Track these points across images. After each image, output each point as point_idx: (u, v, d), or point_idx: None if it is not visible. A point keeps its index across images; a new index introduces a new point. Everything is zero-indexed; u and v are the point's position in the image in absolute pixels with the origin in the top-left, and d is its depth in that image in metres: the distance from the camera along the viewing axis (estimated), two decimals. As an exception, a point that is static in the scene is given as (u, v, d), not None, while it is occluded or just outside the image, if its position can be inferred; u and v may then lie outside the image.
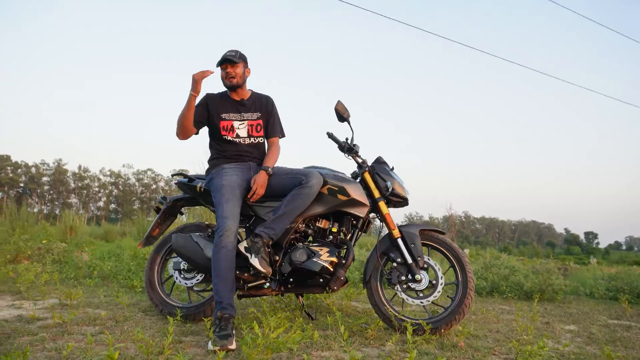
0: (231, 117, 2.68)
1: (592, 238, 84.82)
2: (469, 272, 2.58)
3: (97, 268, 4.63)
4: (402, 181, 2.77)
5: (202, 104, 2.68)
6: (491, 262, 5.61)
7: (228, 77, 2.63)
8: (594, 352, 2.40)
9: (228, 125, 2.67)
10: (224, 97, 2.73)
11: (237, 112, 2.70)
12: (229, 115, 2.68)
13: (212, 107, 2.69)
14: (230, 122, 2.67)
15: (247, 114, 2.72)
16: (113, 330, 2.36)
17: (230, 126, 2.67)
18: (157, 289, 2.85)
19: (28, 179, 71.49)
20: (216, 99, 2.72)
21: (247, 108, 2.73)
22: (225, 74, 2.63)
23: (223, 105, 2.70)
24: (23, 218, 7.27)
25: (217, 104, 2.70)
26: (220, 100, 2.71)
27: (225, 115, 2.67)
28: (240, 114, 2.70)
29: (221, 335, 2.12)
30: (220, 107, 2.69)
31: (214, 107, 2.69)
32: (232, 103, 2.72)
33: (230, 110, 2.69)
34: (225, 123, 2.66)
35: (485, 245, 31.00)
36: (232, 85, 2.66)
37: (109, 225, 14.92)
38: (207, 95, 2.74)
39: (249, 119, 2.72)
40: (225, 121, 2.67)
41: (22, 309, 2.83)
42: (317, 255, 2.52)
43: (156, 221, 2.95)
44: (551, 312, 3.85)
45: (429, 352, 2.18)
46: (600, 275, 6.15)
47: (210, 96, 2.74)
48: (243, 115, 2.71)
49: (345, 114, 2.75)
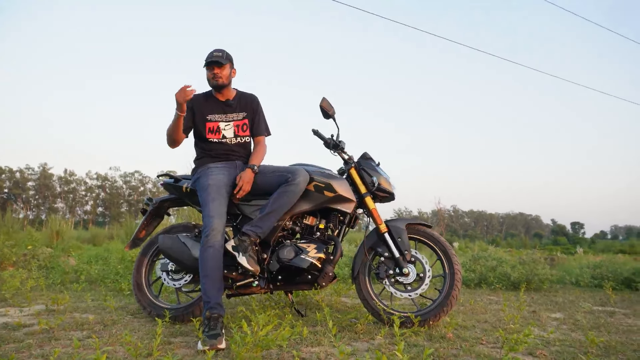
0: (217, 118, 2.67)
1: (578, 228, 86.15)
2: (456, 265, 2.61)
3: (84, 272, 4.57)
4: (388, 176, 2.79)
5: (188, 108, 2.63)
6: (479, 254, 5.67)
7: (215, 77, 2.61)
8: (579, 338, 2.45)
9: (214, 127, 2.66)
10: (209, 97, 2.72)
11: (223, 113, 2.69)
12: (215, 116, 2.67)
13: (197, 109, 2.67)
14: (216, 123, 2.66)
15: (233, 114, 2.71)
16: (101, 334, 2.34)
17: (216, 127, 2.66)
18: (145, 291, 2.83)
19: (12, 184, 70.26)
20: (201, 100, 2.70)
21: (233, 108, 2.72)
22: (212, 75, 2.61)
23: (208, 106, 2.68)
24: (8, 224, 7.14)
25: (202, 105, 2.68)
26: (205, 101, 2.70)
27: (211, 116, 2.66)
28: (225, 115, 2.69)
29: (210, 335, 2.12)
30: (205, 108, 2.67)
31: (199, 109, 2.67)
32: (217, 103, 2.70)
33: (216, 111, 2.68)
34: (211, 125, 2.65)
35: (474, 239, 31.28)
36: (218, 86, 2.65)
37: (97, 229, 14.71)
38: (193, 97, 2.68)
39: (234, 119, 2.71)
40: (211, 122, 2.66)
41: (7, 316, 2.79)
42: (305, 252, 2.53)
43: (142, 223, 2.93)
44: (537, 301, 3.91)
45: (417, 344, 2.21)
46: (585, 264, 6.26)
47: (195, 98, 2.69)
48: (229, 116, 2.70)
49: (331, 111, 2.75)
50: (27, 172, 72.33)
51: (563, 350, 2.19)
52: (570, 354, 2.12)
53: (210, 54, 2.62)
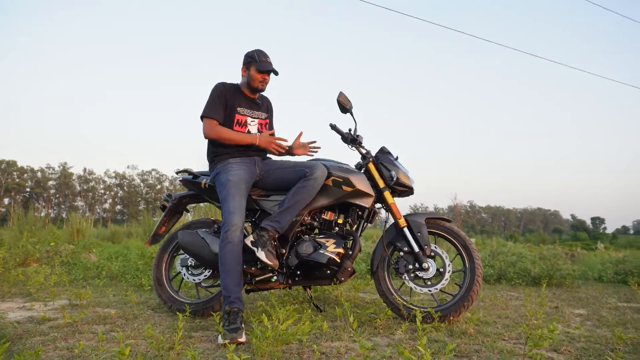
0: (245, 113, 2.70)
1: (599, 223, 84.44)
2: (477, 259, 2.57)
3: (105, 268, 4.65)
4: (406, 170, 2.76)
5: (222, 98, 2.65)
6: (498, 250, 5.59)
7: (264, 83, 2.68)
8: (605, 335, 2.39)
9: (242, 120, 2.68)
10: (238, 91, 2.73)
11: (251, 110, 2.73)
12: (244, 110, 2.70)
13: (229, 99, 2.67)
14: (244, 117, 2.69)
15: (258, 112, 2.77)
16: (123, 328, 2.38)
17: (244, 121, 2.69)
18: (165, 286, 2.87)
19: (34, 183, 71.91)
20: (232, 92, 2.70)
21: (259, 107, 2.78)
22: (263, 80, 2.66)
23: (239, 99, 2.70)
24: (30, 222, 7.30)
25: (233, 97, 2.69)
26: (237, 94, 2.71)
27: (241, 109, 2.69)
28: (253, 112, 2.74)
29: (230, 329, 2.13)
30: (236, 100, 2.69)
31: (231, 100, 2.67)
32: (247, 99, 2.73)
33: (245, 106, 2.71)
34: (239, 117, 2.68)
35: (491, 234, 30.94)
36: (260, 90, 2.71)
37: (116, 227, 14.96)
38: (223, 86, 2.69)
39: (259, 118, 2.76)
40: (240, 115, 2.68)
41: (32, 310, 2.85)
42: (324, 247, 2.52)
43: (162, 219, 2.96)
44: (560, 296, 3.84)
45: (438, 340, 2.18)
46: (608, 259, 6.12)
47: (227, 87, 2.70)
48: (255, 113, 2.75)
49: (348, 105, 2.73)
50: (47, 172, 73.94)
51: (589, 346, 2.14)
52: (596, 351, 2.07)
53: (265, 59, 2.66)
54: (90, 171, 76.74)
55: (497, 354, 1.98)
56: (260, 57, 2.66)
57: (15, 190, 68.64)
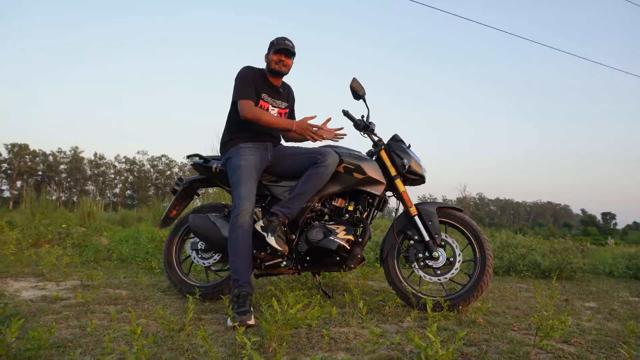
0: (267, 100, 2.69)
1: (609, 219, 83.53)
2: (487, 249, 2.55)
3: (116, 251, 4.71)
4: (418, 159, 2.73)
5: (252, 81, 2.63)
6: (508, 242, 5.56)
7: (280, 64, 2.64)
8: (616, 328, 2.37)
9: (264, 107, 2.67)
10: (263, 77, 2.71)
11: (272, 98, 2.72)
12: (266, 97, 2.69)
13: (257, 84, 2.66)
14: (267, 104, 2.69)
15: (279, 101, 2.76)
16: (134, 309, 2.40)
17: (266, 108, 2.68)
18: (175, 269, 2.89)
19: (46, 167, 72.80)
20: (259, 77, 2.69)
21: (280, 96, 2.77)
22: (279, 61, 2.63)
23: (263, 86, 2.69)
24: (42, 205, 7.40)
25: (259, 82, 2.67)
26: (262, 80, 2.69)
27: (264, 96, 2.68)
28: (274, 100, 2.73)
29: (240, 312, 2.14)
30: (261, 86, 2.68)
31: (258, 85, 2.66)
32: (270, 86, 2.72)
33: (268, 93, 2.70)
34: (262, 104, 2.67)
35: (500, 227, 30.74)
36: (280, 73, 2.68)
37: (126, 211, 15.11)
38: (252, 70, 2.67)
39: (279, 107, 2.75)
40: (263, 102, 2.67)
41: (45, 289, 2.90)
42: (334, 233, 2.51)
43: (173, 202, 2.97)
44: (570, 290, 3.81)
45: (447, 328, 2.18)
46: (619, 254, 6.06)
47: (255, 71, 2.68)
48: (276, 102, 2.74)
49: (361, 92, 2.70)
50: (59, 156, 74.77)
51: (600, 339, 2.12)
52: (607, 344, 2.05)
53: (282, 40, 2.63)
54: (101, 156, 77.50)
55: (507, 344, 1.96)
56: (278, 39, 2.65)
57: (28, 173, 69.57)
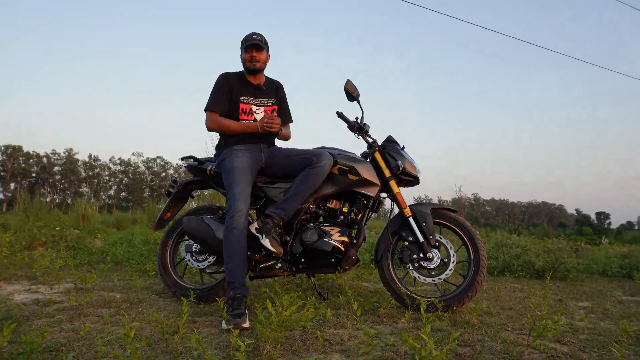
0: (250, 101, 2.67)
1: (603, 218, 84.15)
2: (482, 250, 2.56)
3: (110, 253, 4.69)
4: (412, 160, 2.74)
5: (225, 89, 2.63)
6: (502, 242, 5.58)
7: (252, 61, 2.62)
8: (609, 327, 2.39)
9: (247, 109, 2.66)
10: (241, 79, 2.70)
11: (255, 97, 2.70)
12: (248, 98, 2.67)
13: (233, 89, 2.65)
14: (249, 105, 2.67)
15: (264, 99, 2.73)
16: (128, 312, 2.39)
17: (249, 109, 2.67)
18: (169, 271, 2.88)
19: (40, 168, 72.39)
20: (236, 81, 2.68)
21: (264, 93, 2.73)
22: (250, 57, 2.62)
23: (242, 87, 2.67)
24: (36, 207, 7.35)
25: (236, 85, 2.67)
26: (239, 82, 2.68)
27: (244, 98, 2.66)
28: (257, 99, 2.70)
29: (234, 314, 2.14)
30: (239, 89, 2.66)
31: (235, 89, 2.66)
32: (250, 87, 2.70)
33: (249, 94, 2.68)
34: (244, 106, 2.66)
35: (495, 228, 30.85)
36: (254, 69, 2.65)
37: (120, 214, 15.03)
38: (226, 77, 2.67)
39: (265, 105, 2.73)
40: (245, 104, 2.66)
41: (38, 293, 2.88)
42: (328, 235, 2.52)
43: (167, 204, 2.96)
44: (564, 289, 3.83)
45: (441, 329, 2.18)
46: (613, 253, 6.10)
47: (230, 77, 2.68)
48: (260, 100, 2.71)
49: (355, 93, 2.71)
50: (53, 157, 74.34)
51: (592, 338, 2.13)
52: (600, 343, 2.06)
53: (249, 36, 2.62)
54: (96, 157, 77.09)
55: (500, 344, 1.97)
56: (246, 37, 2.64)
57: (21, 175, 69.13)
